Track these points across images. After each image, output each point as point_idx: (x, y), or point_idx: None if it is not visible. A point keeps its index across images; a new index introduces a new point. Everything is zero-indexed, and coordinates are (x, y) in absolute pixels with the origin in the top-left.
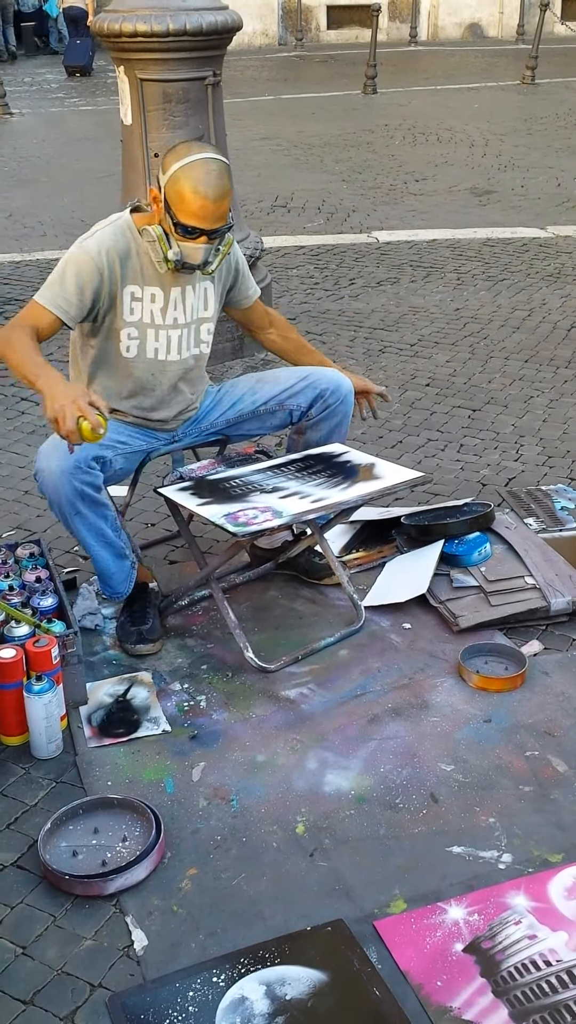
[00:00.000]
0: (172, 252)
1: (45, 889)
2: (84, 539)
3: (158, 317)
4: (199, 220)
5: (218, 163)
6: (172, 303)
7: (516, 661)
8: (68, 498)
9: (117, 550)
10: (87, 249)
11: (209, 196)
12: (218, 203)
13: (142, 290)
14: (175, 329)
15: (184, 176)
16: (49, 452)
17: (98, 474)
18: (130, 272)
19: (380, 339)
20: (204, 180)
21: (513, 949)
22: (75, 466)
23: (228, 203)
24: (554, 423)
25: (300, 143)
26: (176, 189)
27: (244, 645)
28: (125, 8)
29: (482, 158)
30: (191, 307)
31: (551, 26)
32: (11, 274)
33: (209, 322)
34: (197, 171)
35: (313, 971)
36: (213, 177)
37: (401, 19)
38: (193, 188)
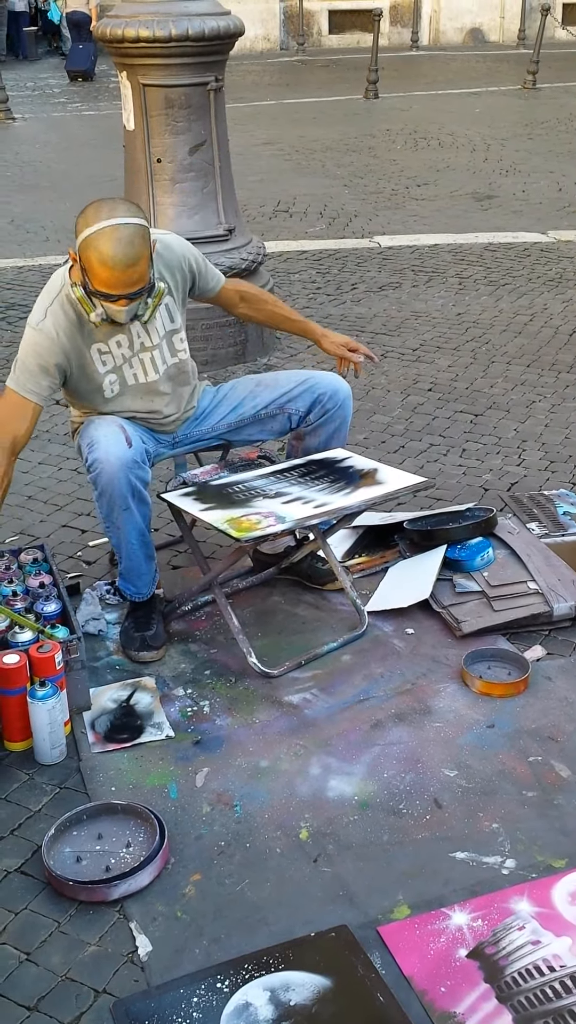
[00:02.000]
0: (95, 314)
1: (49, 895)
2: (127, 535)
3: (127, 352)
4: (111, 288)
5: (127, 228)
6: (135, 335)
7: (519, 666)
8: (122, 492)
9: (149, 551)
10: (45, 331)
11: (117, 266)
12: (127, 270)
13: (107, 344)
14: (145, 352)
15: (91, 246)
16: (108, 444)
17: (148, 470)
18: (88, 336)
19: (382, 344)
20: (111, 249)
21: (517, 955)
22: (133, 459)
23: (142, 267)
24: (556, 428)
25: (302, 148)
26: (87, 258)
27: (247, 650)
28: (128, 13)
29: (483, 163)
30: (156, 328)
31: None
32: (14, 279)
33: (179, 331)
34: (103, 240)
35: (317, 977)
36: (121, 246)
37: (402, 24)
38: (100, 259)
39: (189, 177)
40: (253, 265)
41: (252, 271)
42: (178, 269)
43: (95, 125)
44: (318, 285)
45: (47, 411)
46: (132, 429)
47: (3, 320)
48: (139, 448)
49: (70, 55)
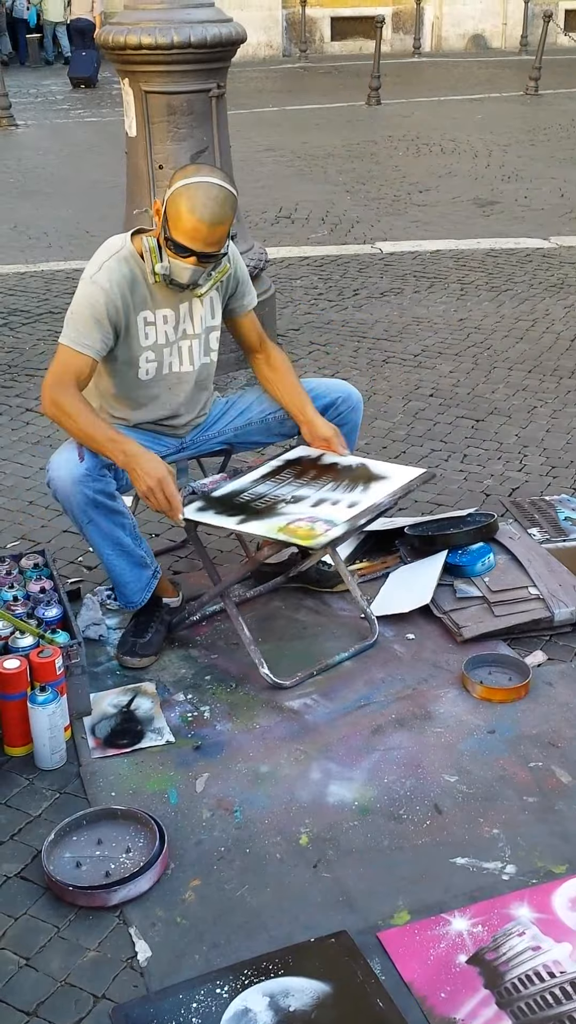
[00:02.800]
0: (160, 266)
1: (48, 900)
2: (99, 547)
3: (171, 335)
4: (191, 240)
5: (223, 190)
6: (183, 317)
7: (520, 671)
8: (80, 506)
9: (135, 559)
10: (99, 283)
11: (205, 219)
12: (213, 228)
13: (154, 314)
14: (185, 340)
15: (185, 195)
16: (60, 461)
17: (111, 481)
18: (139, 299)
19: (384, 350)
20: (203, 202)
21: (517, 960)
22: (85, 474)
23: (225, 231)
24: (557, 433)
25: (304, 154)
26: (175, 206)
27: (260, 661)
28: (130, 21)
29: (485, 169)
30: (200, 317)
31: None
32: (16, 285)
33: (217, 330)
34: (199, 192)
35: (317, 982)
36: (213, 202)
37: (405, 31)
38: (190, 208)
39: None
40: (255, 271)
41: (254, 277)
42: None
43: (97, 131)
44: (320, 291)
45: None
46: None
47: (5, 326)
48: (93, 462)
49: (73, 61)
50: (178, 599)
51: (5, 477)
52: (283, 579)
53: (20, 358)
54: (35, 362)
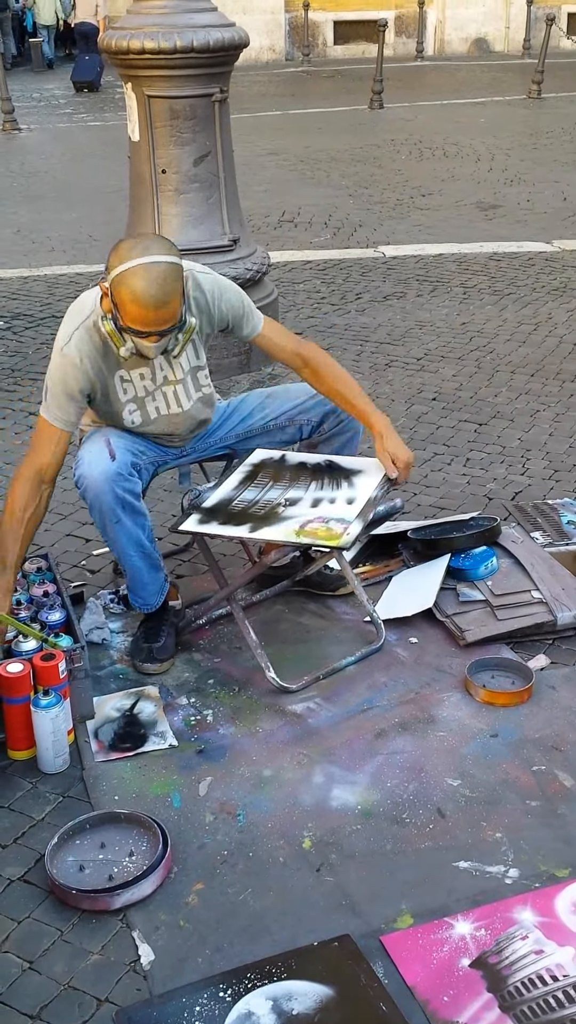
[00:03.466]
0: (125, 348)
1: (52, 904)
2: (123, 548)
3: (150, 386)
4: (144, 326)
5: (160, 266)
6: (159, 367)
7: (523, 675)
8: (110, 506)
9: (153, 561)
10: (69, 356)
11: (150, 306)
12: (160, 310)
13: (129, 373)
14: (168, 386)
15: (124, 283)
16: (91, 458)
17: (137, 481)
18: (112, 362)
19: (386, 353)
20: (143, 288)
21: (520, 964)
22: (117, 472)
23: (175, 305)
24: (560, 437)
25: (307, 158)
26: (119, 295)
27: (266, 665)
28: (133, 25)
29: (488, 173)
30: (179, 364)
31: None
32: (19, 289)
33: (203, 368)
34: (136, 278)
35: (320, 986)
36: (153, 285)
37: (408, 34)
38: (132, 297)
39: (194, 188)
40: (258, 275)
41: (257, 281)
42: (205, 310)
43: (100, 136)
44: (323, 295)
45: None
46: (123, 441)
47: (8, 330)
48: (124, 461)
49: (76, 65)
50: (179, 601)
51: (8, 482)
52: (288, 583)
53: (23, 362)
54: (38, 366)
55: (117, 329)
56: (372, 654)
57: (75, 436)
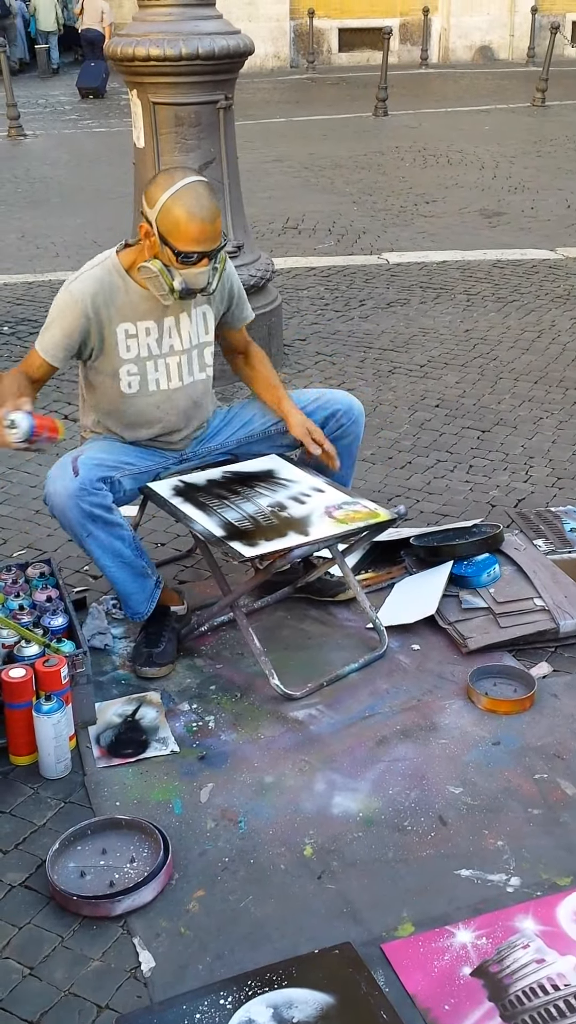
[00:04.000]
0: (177, 282)
1: (53, 910)
2: (99, 560)
3: (155, 348)
4: (199, 244)
5: (204, 184)
6: (167, 332)
7: (525, 683)
8: (78, 520)
9: (137, 569)
10: (72, 293)
11: (206, 219)
12: (214, 223)
13: (135, 326)
14: (172, 356)
15: (176, 204)
16: (55, 476)
17: (106, 494)
18: (118, 310)
19: (390, 360)
20: (197, 204)
21: (521, 973)
22: (80, 488)
23: (220, 221)
24: (564, 444)
25: (311, 165)
26: (171, 218)
27: (270, 672)
28: (138, 32)
29: (492, 180)
30: (188, 334)
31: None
32: (24, 295)
33: (210, 345)
34: (188, 197)
35: (320, 994)
36: (204, 199)
37: (412, 42)
38: (188, 214)
39: None
40: (262, 282)
41: (261, 288)
42: (221, 287)
43: (105, 142)
44: (326, 301)
45: None
46: (99, 454)
47: (12, 335)
48: (88, 476)
49: (82, 72)
50: (184, 607)
51: (12, 486)
52: (289, 589)
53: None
54: None
55: (165, 266)
56: (374, 661)
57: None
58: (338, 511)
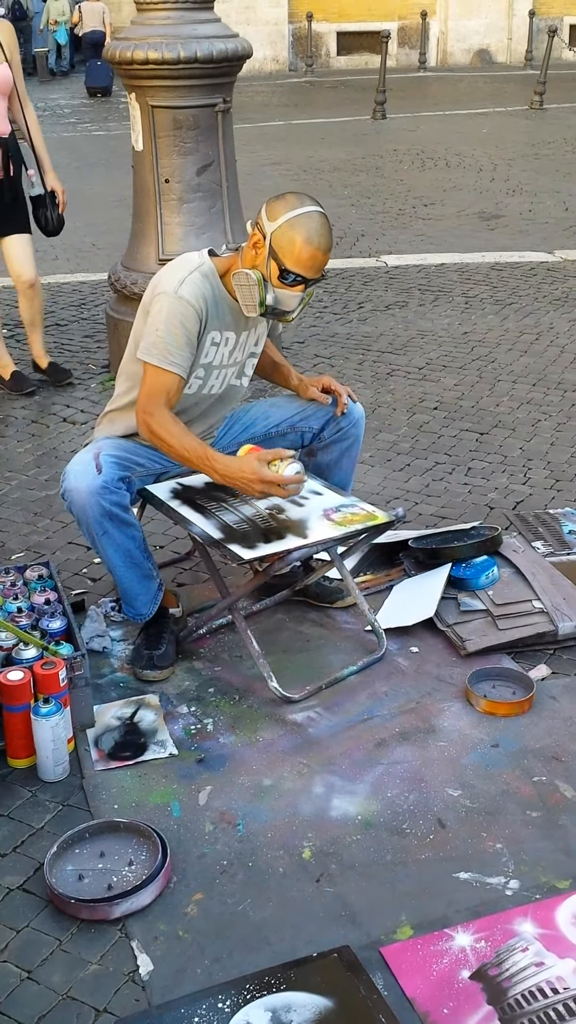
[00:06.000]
0: (270, 298)
1: (51, 913)
2: (110, 559)
3: (226, 359)
4: (307, 270)
5: (325, 218)
6: (240, 343)
7: (524, 685)
8: (96, 518)
9: (144, 571)
10: (186, 299)
11: (322, 248)
12: (326, 255)
13: (221, 335)
14: (236, 365)
15: (299, 226)
16: (77, 472)
17: (125, 494)
18: (214, 318)
19: (388, 362)
20: (318, 233)
21: (520, 976)
22: (103, 486)
23: (329, 257)
24: (562, 447)
25: (309, 168)
26: (289, 237)
27: (268, 675)
28: (137, 36)
29: (490, 183)
30: (252, 345)
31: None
32: None
33: (256, 357)
34: (312, 223)
35: (319, 998)
36: (325, 231)
37: (410, 45)
38: (307, 239)
39: (197, 197)
40: None
41: None
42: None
43: (105, 145)
44: (325, 304)
45: (53, 429)
46: (118, 452)
47: (11, 338)
48: (110, 474)
49: (89, 72)
50: (180, 609)
51: (11, 489)
52: (288, 592)
53: (26, 370)
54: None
55: (263, 279)
56: (373, 664)
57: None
58: (336, 514)
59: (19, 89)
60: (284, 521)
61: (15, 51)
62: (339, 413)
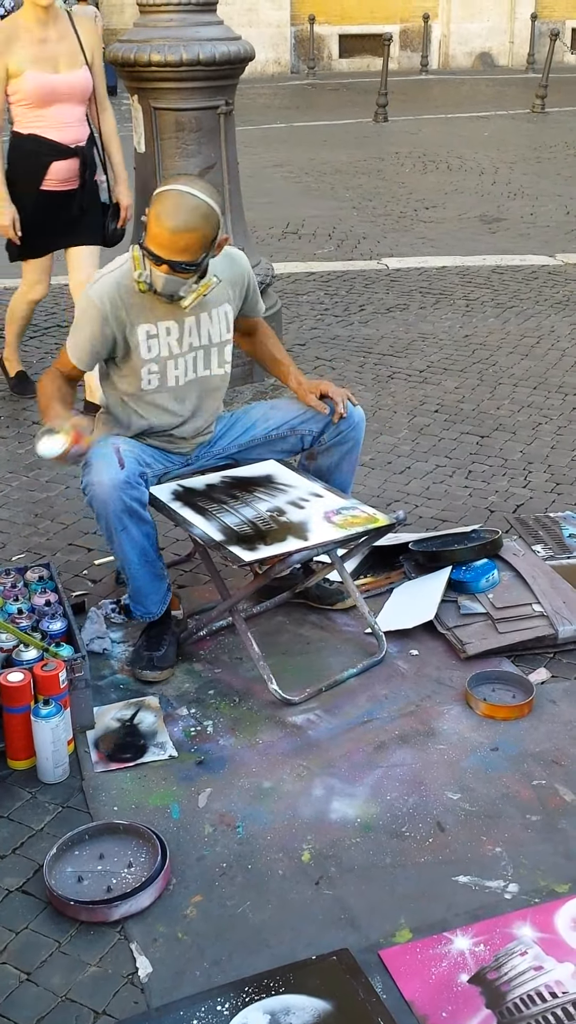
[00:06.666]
0: (138, 273)
1: (50, 915)
2: (126, 555)
3: (175, 348)
4: (158, 247)
5: (195, 199)
6: (188, 331)
7: (523, 689)
8: (116, 513)
9: (156, 570)
10: (92, 297)
11: (167, 227)
12: (175, 235)
13: (156, 327)
14: (191, 352)
15: (157, 202)
16: (100, 466)
17: (144, 491)
18: (139, 312)
19: (389, 365)
20: (171, 211)
21: (519, 980)
22: (126, 480)
23: (193, 239)
24: (562, 450)
25: (311, 170)
26: (150, 212)
27: (268, 677)
28: (139, 38)
29: (492, 186)
30: (208, 331)
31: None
32: None
33: (230, 344)
34: (168, 200)
35: (318, 1001)
36: (182, 211)
37: (412, 48)
38: (157, 215)
39: None
40: (262, 286)
41: (261, 292)
42: (238, 284)
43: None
44: (326, 306)
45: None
46: (133, 449)
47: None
48: (132, 469)
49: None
50: (180, 611)
51: (12, 490)
52: (288, 594)
53: (28, 371)
54: None
55: (142, 256)
56: (373, 666)
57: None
58: (337, 516)
59: (98, 94)
60: (285, 523)
61: (98, 53)
62: (335, 420)
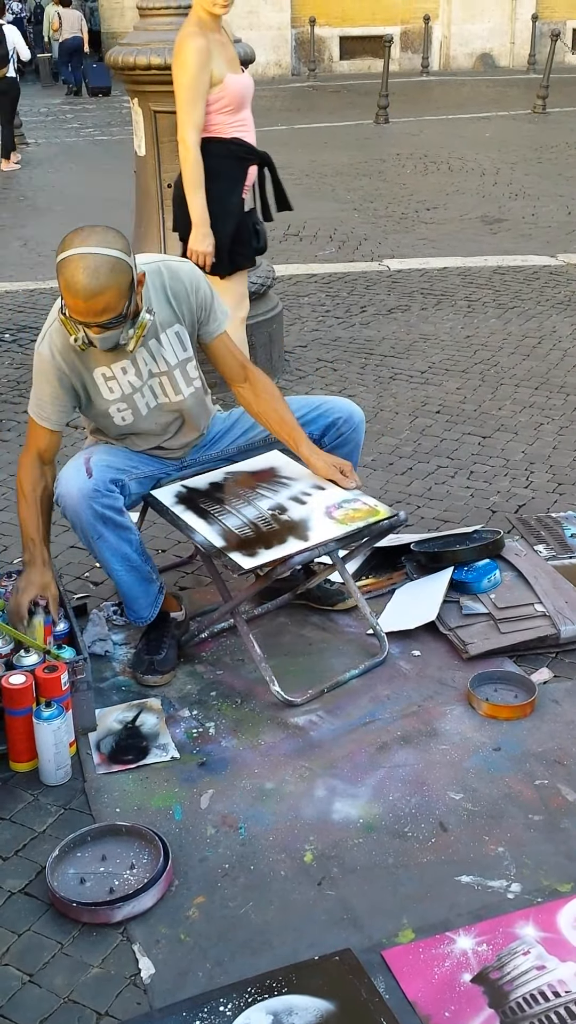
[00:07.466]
0: (76, 337)
1: (52, 916)
2: (108, 563)
3: (135, 382)
4: (78, 315)
5: (96, 258)
6: (142, 363)
7: (526, 689)
8: (89, 522)
9: (143, 574)
10: (43, 354)
11: (79, 296)
12: (91, 300)
13: (110, 369)
14: (154, 378)
15: (60, 272)
16: (69, 476)
17: (118, 496)
18: (90, 357)
19: (391, 366)
20: (78, 279)
21: (521, 980)
22: (94, 489)
23: (108, 298)
24: (564, 450)
25: (312, 172)
26: (59, 283)
27: (270, 679)
28: (139, 42)
29: (493, 187)
30: (164, 357)
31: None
32: (25, 302)
33: (192, 360)
34: (72, 267)
35: (320, 1001)
36: (85, 275)
37: (413, 50)
38: (67, 286)
39: None
40: (263, 288)
41: (262, 294)
42: (184, 300)
43: (107, 150)
44: (327, 308)
45: None
46: (106, 457)
47: (14, 343)
48: (101, 477)
49: (91, 73)
50: (182, 613)
51: (12, 493)
52: (290, 596)
53: (28, 374)
54: None
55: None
56: (375, 667)
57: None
58: (338, 510)
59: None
60: (286, 522)
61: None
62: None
